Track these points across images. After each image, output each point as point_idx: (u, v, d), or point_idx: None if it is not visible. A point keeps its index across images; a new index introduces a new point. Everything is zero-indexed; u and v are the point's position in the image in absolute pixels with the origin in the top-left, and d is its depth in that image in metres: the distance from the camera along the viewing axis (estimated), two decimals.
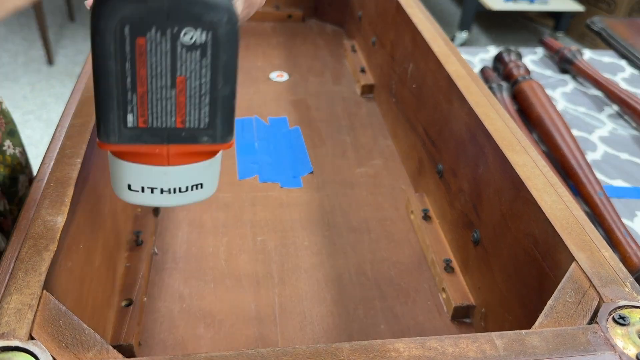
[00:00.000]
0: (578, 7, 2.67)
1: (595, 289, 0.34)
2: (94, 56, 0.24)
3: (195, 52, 0.25)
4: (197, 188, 0.29)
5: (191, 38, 0.25)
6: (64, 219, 0.36)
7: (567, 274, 0.36)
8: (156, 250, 0.56)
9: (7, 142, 0.52)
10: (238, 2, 0.30)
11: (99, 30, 0.24)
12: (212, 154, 0.29)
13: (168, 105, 0.26)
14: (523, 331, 0.31)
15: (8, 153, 0.52)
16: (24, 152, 0.56)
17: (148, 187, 0.28)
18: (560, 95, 0.97)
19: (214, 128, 0.27)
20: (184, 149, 0.27)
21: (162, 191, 0.28)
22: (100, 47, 0.24)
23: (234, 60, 0.26)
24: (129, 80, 0.25)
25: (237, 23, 0.25)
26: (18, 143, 0.54)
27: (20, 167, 0.54)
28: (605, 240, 0.48)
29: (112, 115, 0.25)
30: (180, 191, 0.29)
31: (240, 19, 0.32)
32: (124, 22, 0.24)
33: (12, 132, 0.54)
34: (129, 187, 0.28)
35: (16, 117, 1.93)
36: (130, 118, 0.26)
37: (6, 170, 0.51)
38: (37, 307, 0.30)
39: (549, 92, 0.96)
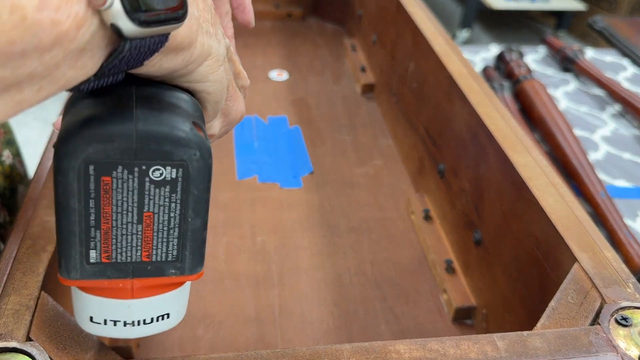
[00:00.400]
0: (579, 6, 2.67)
1: (598, 290, 0.34)
2: (56, 193, 0.23)
3: (164, 188, 0.24)
4: (163, 318, 0.28)
5: (160, 174, 0.23)
6: None
7: (569, 275, 0.35)
8: None
9: (6, 152, 0.51)
10: (216, 122, 0.29)
11: (61, 170, 0.22)
12: (179, 284, 0.28)
13: (134, 240, 0.25)
14: (525, 332, 0.31)
15: (7, 163, 0.51)
16: (22, 163, 0.55)
17: (111, 320, 0.27)
18: (562, 95, 0.97)
19: (182, 260, 0.26)
20: (149, 282, 0.26)
21: (125, 324, 0.27)
22: (63, 186, 0.23)
23: (205, 193, 0.25)
24: (92, 217, 0.24)
25: (210, 158, 0.24)
26: (16, 153, 0.54)
27: (19, 177, 0.53)
28: (608, 240, 0.48)
29: (74, 252, 0.24)
30: (145, 323, 0.27)
31: (219, 136, 0.31)
32: (89, 162, 0.22)
33: (11, 142, 0.53)
34: (91, 319, 0.27)
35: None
36: (93, 254, 0.24)
37: (6, 181, 0.50)
38: (35, 308, 0.30)
39: (550, 91, 0.96)
